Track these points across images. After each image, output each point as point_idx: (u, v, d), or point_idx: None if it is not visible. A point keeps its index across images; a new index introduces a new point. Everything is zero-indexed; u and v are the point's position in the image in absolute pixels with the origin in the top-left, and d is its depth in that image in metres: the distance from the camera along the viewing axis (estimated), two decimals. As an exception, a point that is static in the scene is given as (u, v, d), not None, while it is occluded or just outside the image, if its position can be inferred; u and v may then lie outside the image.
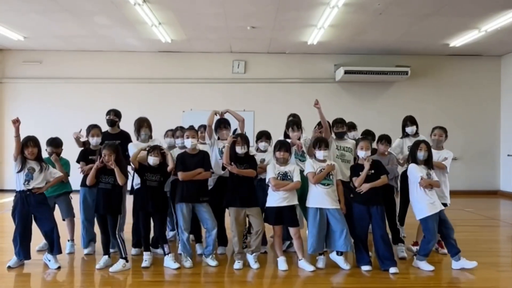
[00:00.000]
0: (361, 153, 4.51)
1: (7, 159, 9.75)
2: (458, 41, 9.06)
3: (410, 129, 5.32)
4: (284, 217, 4.40)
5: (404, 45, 9.43)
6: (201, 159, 4.60)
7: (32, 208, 4.40)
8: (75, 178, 5.00)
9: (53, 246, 4.44)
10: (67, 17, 7.54)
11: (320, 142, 4.51)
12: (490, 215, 7.90)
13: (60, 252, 4.50)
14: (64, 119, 9.59)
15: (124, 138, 5.24)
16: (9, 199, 8.23)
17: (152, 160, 4.48)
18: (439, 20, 7.64)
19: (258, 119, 10.03)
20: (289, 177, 4.41)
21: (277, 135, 5.12)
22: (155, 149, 4.53)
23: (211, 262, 4.52)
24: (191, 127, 4.79)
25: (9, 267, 4.42)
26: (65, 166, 4.94)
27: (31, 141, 4.40)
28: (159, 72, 10.25)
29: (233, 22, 7.86)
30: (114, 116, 5.26)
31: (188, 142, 4.57)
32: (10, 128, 9.68)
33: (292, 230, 4.48)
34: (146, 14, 7.21)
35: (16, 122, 4.35)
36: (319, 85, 10.34)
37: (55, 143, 4.93)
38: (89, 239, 5.00)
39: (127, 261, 4.43)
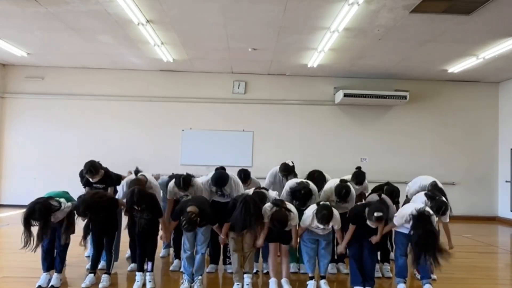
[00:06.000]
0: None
1: (6, 174, 9.40)
2: (456, 67, 9.16)
3: None
4: (281, 236, 4.41)
5: (403, 70, 9.54)
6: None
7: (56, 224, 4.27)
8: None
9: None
10: (71, 35, 7.63)
11: (323, 219, 4.22)
12: (488, 242, 7.85)
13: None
14: (65, 135, 9.71)
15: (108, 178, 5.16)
16: (7, 214, 7.98)
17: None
18: (438, 46, 7.74)
19: (257, 140, 10.15)
20: None
21: (276, 156, 5.19)
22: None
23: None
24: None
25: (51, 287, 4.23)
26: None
27: None
28: (160, 90, 10.32)
29: (235, 43, 7.96)
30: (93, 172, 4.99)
31: None
32: (10, 142, 9.81)
33: (284, 247, 4.50)
34: (149, 34, 7.30)
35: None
36: (319, 107, 10.40)
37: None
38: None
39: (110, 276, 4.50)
